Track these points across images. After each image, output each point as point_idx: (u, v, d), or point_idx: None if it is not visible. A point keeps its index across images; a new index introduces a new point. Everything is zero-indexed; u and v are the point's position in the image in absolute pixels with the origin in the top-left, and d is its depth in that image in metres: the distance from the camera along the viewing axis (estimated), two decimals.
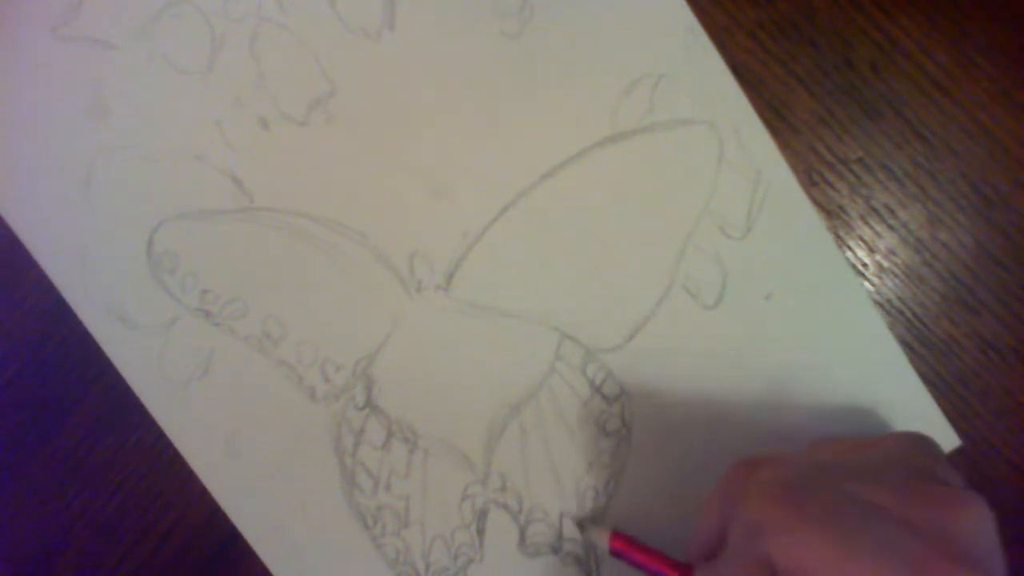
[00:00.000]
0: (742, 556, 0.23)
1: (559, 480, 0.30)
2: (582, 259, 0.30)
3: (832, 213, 0.30)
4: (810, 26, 0.29)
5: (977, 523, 0.22)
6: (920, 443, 0.25)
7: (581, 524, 0.30)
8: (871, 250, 0.30)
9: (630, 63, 0.30)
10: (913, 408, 0.30)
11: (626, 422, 0.30)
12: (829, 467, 0.24)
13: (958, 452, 0.30)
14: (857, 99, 0.29)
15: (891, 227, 0.30)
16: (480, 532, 0.30)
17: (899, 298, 0.30)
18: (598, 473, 0.30)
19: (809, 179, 0.30)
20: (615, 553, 0.28)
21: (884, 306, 0.30)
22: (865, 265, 0.30)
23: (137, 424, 0.30)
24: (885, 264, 0.30)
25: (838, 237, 0.30)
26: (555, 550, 0.30)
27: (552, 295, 0.30)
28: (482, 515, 0.30)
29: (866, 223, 0.30)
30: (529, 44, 0.30)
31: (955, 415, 0.30)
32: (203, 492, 0.30)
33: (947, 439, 0.30)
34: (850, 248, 0.30)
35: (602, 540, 0.29)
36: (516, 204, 0.30)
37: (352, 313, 0.30)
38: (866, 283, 0.30)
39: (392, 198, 0.30)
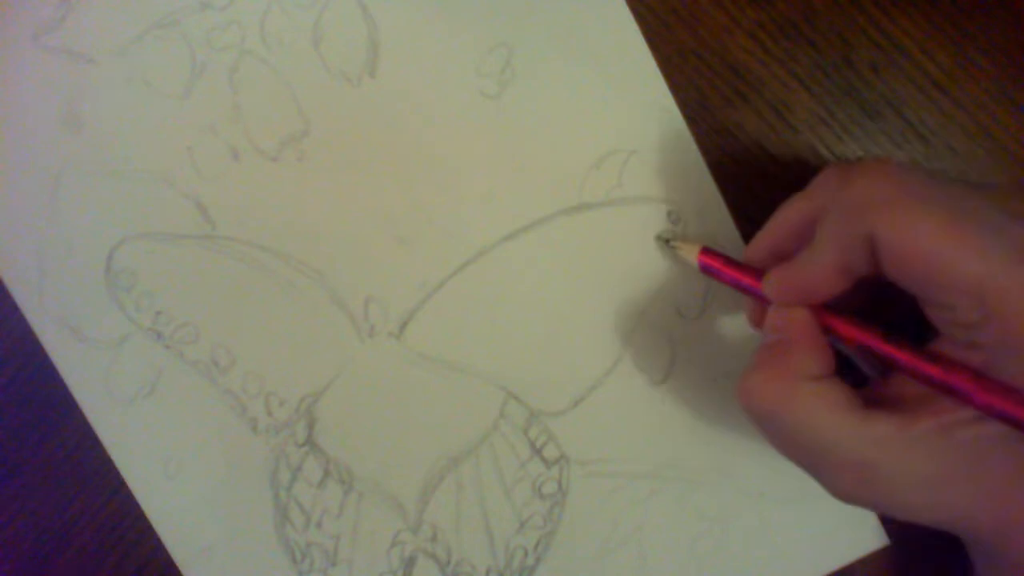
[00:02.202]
0: (838, 236, 0.22)
1: (490, 536, 0.31)
2: (535, 322, 0.30)
3: None
4: (810, 26, 0.29)
5: None
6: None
7: (665, 240, 0.29)
8: None
9: (603, 136, 0.30)
10: None
11: (562, 487, 0.31)
12: (942, 178, 0.23)
13: None
14: (857, 99, 0.29)
15: None
16: None
17: None
18: (529, 534, 0.31)
19: (809, 179, 0.30)
20: (704, 269, 0.27)
21: None
22: None
23: None
24: None
25: None
26: None
27: (502, 354, 0.30)
28: (410, 563, 0.31)
29: None
30: (507, 106, 0.30)
31: None
32: None
33: None
34: None
35: (691, 256, 0.27)
36: (476, 260, 0.30)
37: (302, 350, 0.30)
38: None
39: (354, 241, 0.30)
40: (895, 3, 0.29)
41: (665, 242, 0.29)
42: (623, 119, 0.30)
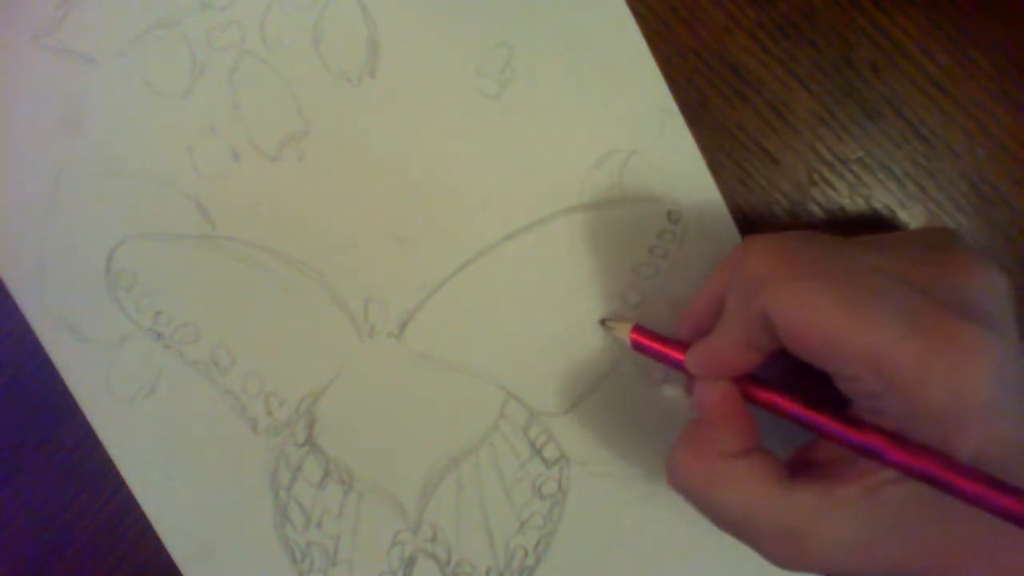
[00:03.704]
0: (739, 314, 0.22)
1: (490, 536, 0.31)
2: (535, 322, 0.30)
3: (832, 213, 0.30)
4: (810, 26, 0.29)
5: (989, 284, 0.21)
6: (941, 231, 0.24)
7: (603, 322, 0.30)
8: None
9: (604, 136, 0.30)
10: None
11: (562, 487, 0.31)
12: (836, 238, 0.23)
13: None
14: (857, 99, 0.29)
15: (891, 227, 0.30)
16: None
17: None
18: (529, 534, 0.31)
19: (809, 179, 0.30)
20: (636, 346, 0.27)
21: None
22: None
23: None
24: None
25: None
26: None
27: (502, 354, 0.30)
28: (410, 563, 0.31)
29: (866, 223, 0.30)
30: (507, 106, 0.30)
31: None
32: None
33: None
34: None
35: (624, 335, 0.28)
36: (476, 260, 0.30)
37: (302, 350, 0.30)
38: None
39: (354, 241, 0.30)
40: (895, 3, 0.29)
41: (601, 322, 0.30)
42: (623, 119, 0.30)
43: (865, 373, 0.20)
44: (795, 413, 0.23)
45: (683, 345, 0.25)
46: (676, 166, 0.30)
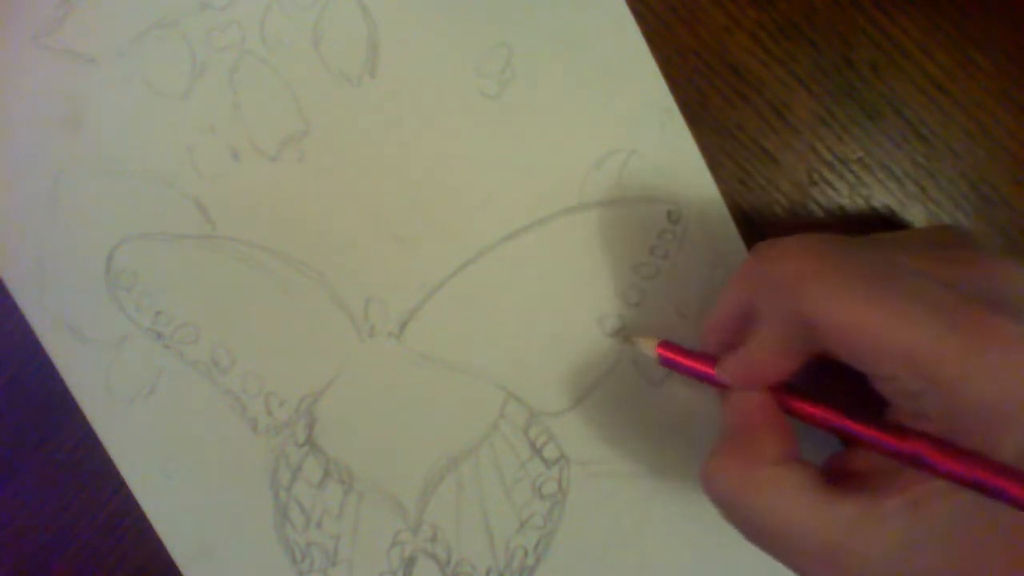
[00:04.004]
0: (775, 317, 0.22)
1: (490, 536, 0.31)
2: (536, 322, 0.30)
3: (832, 213, 0.30)
4: (810, 26, 0.29)
5: (1013, 279, 0.20)
6: (955, 229, 0.24)
7: (626, 336, 0.29)
8: None
9: (604, 136, 0.30)
10: None
11: (562, 487, 0.31)
12: (855, 239, 0.23)
13: None
14: (857, 99, 0.29)
15: (891, 227, 0.30)
16: None
17: None
18: (529, 534, 0.31)
19: (809, 179, 0.30)
20: (664, 362, 0.27)
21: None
22: None
23: None
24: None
25: None
26: None
27: (502, 354, 0.30)
28: (410, 563, 0.31)
29: (866, 223, 0.30)
30: (507, 106, 0.30)
31: None
32: None
33: None
34: None
35: (649, 350, 0.27)
36: (476, 260, 0.30)
37: (302, 350, 0.30)
38: None
39: (354, 241, 0.30)
40: (895, 3, 0.29)
41: (625, 338, 0.29)
42: (623, 119, 0.30)
43: (906, 372, 0.19)
44: (835, 423, 0.22)
45: (711, 358, 0.25)
46: (676, 166, 0.30)
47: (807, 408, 0.23)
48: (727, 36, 0.30)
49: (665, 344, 0.27)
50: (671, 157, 0.30)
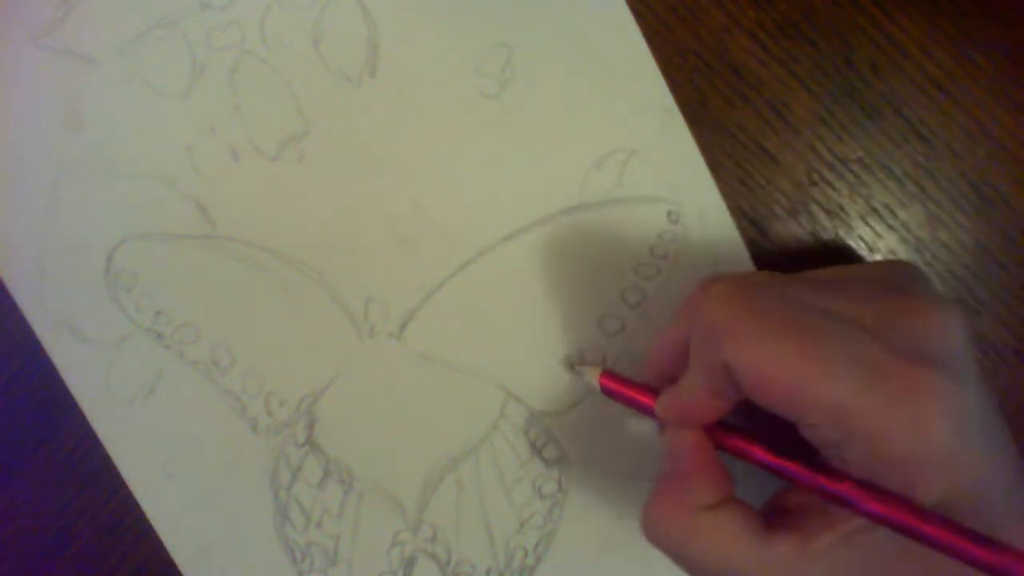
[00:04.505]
0: (702, 364, 0.22)
1: (490, 536, 0.31)
2: (536, 322, 0.30)
3: (832, 213, 0.30)
4: (810, 26, 0.29)
5: (945, 327, 0.20)
6: (901, 266, 0.24)
7: (571, 365, 0.30)
8: (871, 250, 0.30)
9: (604, 136, 0.30)
10: None
11: (562, 487, 0.31)
12: (793, 280, 0.23)
13: None
14: (857, 99, 0.29)
15: (891, 227, 0.30)
16: None
17: None
18: (529, 534, 0.31)
19: (809, 179, 0.30)
20: (606, 391, 0.27)
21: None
22: None
23: None
24: (896, 259, 0.30)
25: (838, 237, 0.30)
26: None
27: (502, 354, 0.30)
28: (410, 563, 0.31)
29: (866, 223, 0.30)
30: (507, 106, 0.30)
31: None
32: None
33: None
34: (850, 248, 0.30)
35: (593, 379, 0.28)
36: (477, 260, 0.30)
37: (302, 350, 0.30)
38: None
39: (354, 241, 0.30)
40: (895, 3, 0.29)
41: (570, 367, 0.30)
42: (623, 119, 0.30)
43: (827, 424, 0.20)
44: (766, 461, 0.23)
45: (653, 390, 0.25)
46: (676, 166, 0.30)
47: (740, 445, 0.23)
48: (727, 36, 0.30)
49: (608, 375, 0.27)
50: (671, 157, 0.30)
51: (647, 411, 0.26)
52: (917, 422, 0.19)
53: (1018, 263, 0.30)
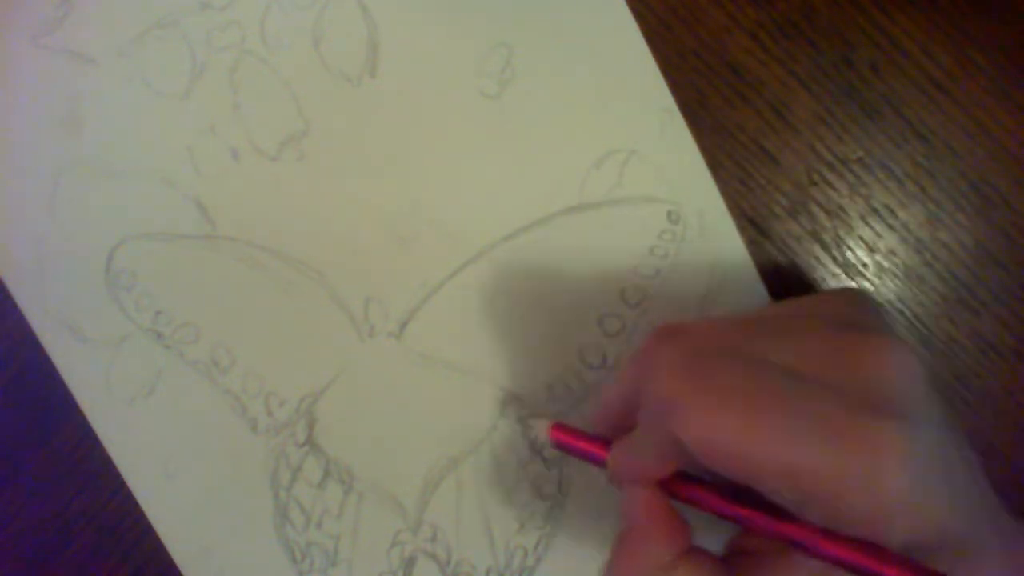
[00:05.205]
0: (651, 432, 0.22)
1: (490, 537, 0.31)
2: (536, 322, 0.30)
3: (832, 213, 0.30)
4: (810, 26, 0.29)
5: (898, 369, 0.20)
6: (850, 295, 0.24)
7: (521, 418, 0.30)
8: (871, 250, 0.30)
9: (604, 136, 0.30)
10: None
11: (562, 488, 0.31)
12: (744, 324, 0.23)
13: None
14: (857, 99, 0.29)
15: (891, 227, 0.30)
16: None
17: (899, 298, 0.30)
18: (529, 534, 0.31)
19: (809, 179, 0.30)
20: (557, 445, 0.26)
21: (884, 307, 0.30)
22: (865, 265, 0.30)
23: None
24: (885, 264, 0.30)
25: (838, 237, 0.30)
26: None
27: (503, 354, 0.30)
28: (410, 563, 0.31)
29: (866, 223, 0.30)
30: (507, 106, 0.30)
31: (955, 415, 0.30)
32: None
33: None
34: (850, 248, 0.30)
35: (543, 431, 0.27)
36: (477, 260, 0.30)
37: (302, 350, 0.30)
38: (866, 283, 0.30)
39: (354, 241, 0.30)
40: (895, 3, 0.29)
41: (520, 420, 0.30)
42: (623, 119, 0.30)
43: (783, 486, 0.20)
44: (722, 510, 0.22)
45: (605, 442, 0.25)
46: (676, 166, 0.30)
47: (695, 494, 0.23)
48: (727, 36, 0.30)
49: (559, 427, 0.26)
50: (671, 157, 0.30)
51: (599, 464, 0.25)
52: (873, 477, 0.19)
53: (1018, 263, 0.30)
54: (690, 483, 0.23)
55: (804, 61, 0.30)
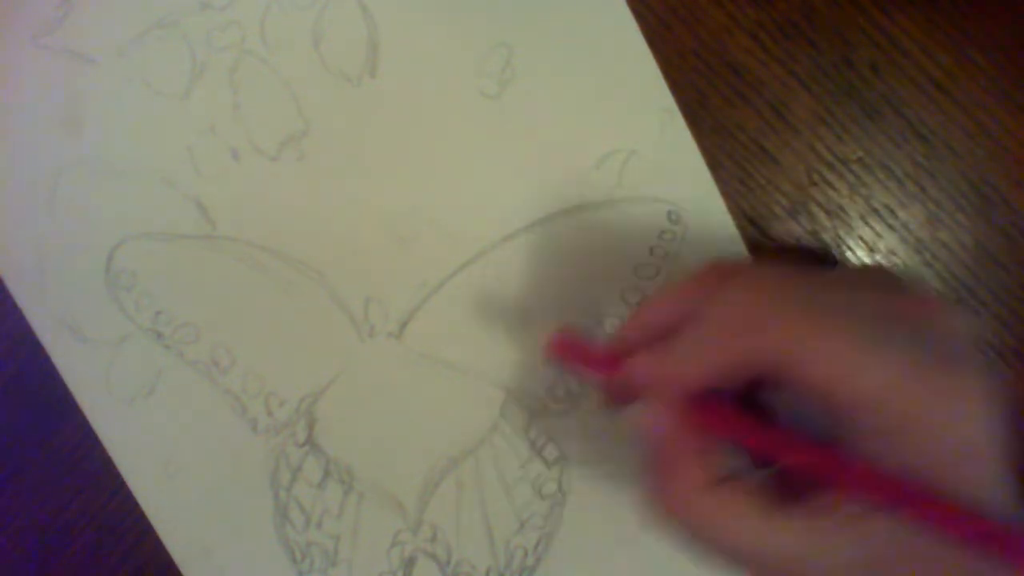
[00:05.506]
0: (721, 346, 0.21)
1: (490, 536, 0.31)
2: (535, 322, 0.30)
3: (832, 213, 0.30)
4: (810, 26, 0.29)
5: (958, 325, 0.21)
6: (884, 269, 0.24)
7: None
8: (871, 250, 0.30)
9: (604, 136, 0.30)
10: None
11: (562, 487, 0.31)
12: (812, 278, 0.22)
13: None
14: (857, 99, 0.29)
15: (891, 227, 0.30)
16: None
17: None
18: (529, 534, 0.31)
19: (809, 179, 0.30)
20: (557, 356, 0.25)
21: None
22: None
23: None
24: (885, 264, 0.30)
25: (838, 237, 0.30)
26: None
27: (502, 354, 0.30)
28: (410, 563, 0.31)
29: (866, 223, 0.30)
30: (507, 106, 0.30)
31: None
32: None
33: None
34: (850, 248, 0.30)
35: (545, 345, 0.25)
36: (476, 260, 0.30)
37: (302, 350, 0.30)
38: None
39: (354, 241, 0.30)
40: (895, 3, 0.29)
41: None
42: (623, 119, 0.30)
43: (869, 414, 0.20)
44: (764, 439, 0.21)
45: (610, 355, 0.23)
46: (676, 166, 0.30)
47: (717, 422, 0.21)
48: (727, 36, 0.30)
49: (563, 337, 0.24)
50: (671, 157, 0.30)
51: (605, 374, 0.23)
52: (961, 417, 0.19)
53: (1018, 263, 0.30)
54: (716, 408, 0.21)
55: (804, 61, 0.30)
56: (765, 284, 0.21)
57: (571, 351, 0.24)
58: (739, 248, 0.30)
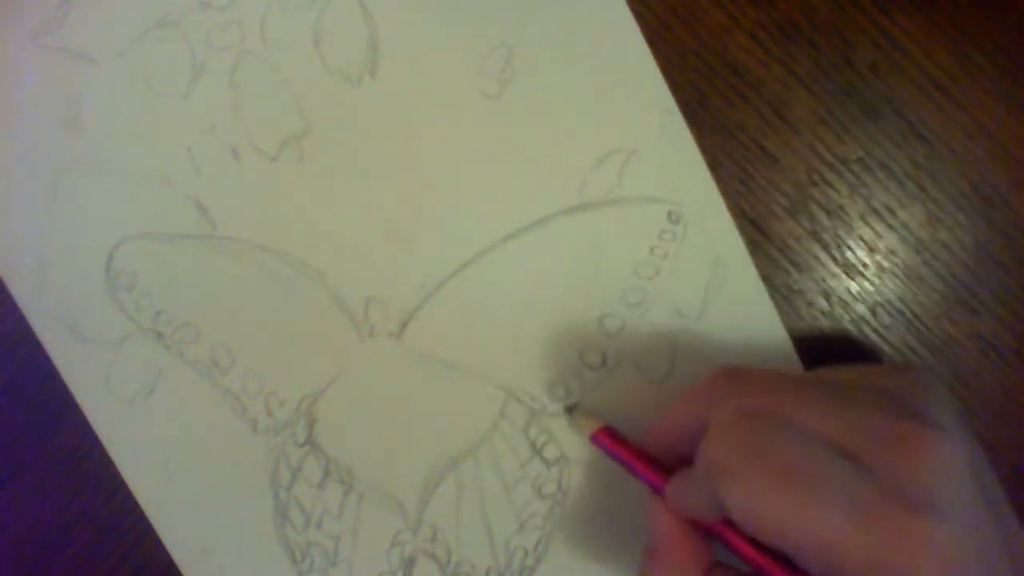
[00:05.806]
0: (703, 488, 0.23)
1: (490, 536, 0.31)
2: (536, 322, 0.30)
3: (832, 213, 0.30)
4: (810, 26, 0.29)
5: (942, 463, 0.20)
6: (919, 377, 0.24)
7: (568, 408, 0.30)
8: (871, 250, 0.30)
9: (604, 136, 0.30)
10: None
11: (562, 487, 0.31)
12: (805, 385, 0.24)
13: None
14: (857, 99, 0.29)
15: (891, 227, 0.30)
16: None
17: (899, 298, 0.30)
18: (529, 534, 0.31)
19: (809, 179, 0.30)
20: (597, 444, 0.28)
21: (884, 307, 0.30)
22: (865, 265, 0.30)
23: None
24: (885, 264, 0.30)
25: (838, 237, 0.30)
26: None
27: (502, 354, 0.30)
28: (410, 563, 0.31)
29: (866, 223, 0.30)
30: (507, 106, 0.30)
31: None
32: None
33: None
34: (850, 248, 0.30)
35: (587, 428, 0.28)
36: (476, 261, 0.30)
37: (302, 350, 0.30)
38: (866, 283, 0.30)
39: (354, 241, 0.30)
40: (895, 3, 0.29)
41: (568, 409, 0.30)
42: (623, 119, 0.30)
43: (815, 561, 0.20)
44: (750, 556, 0.23)
45: (653, 460, 0.26)
46: (676, 166, 0.30)
47: (730, 538, 0.24)
48: (727, 36, 0.30)
49: (607, 432, 0.28)
50: (671, 157, 0.30)
51: (654, 488, 0.26)
52: (906, 569, 0.19)
53: (1018, 263, 0.30)
54: (726, 526, 0.24)
55: (804, 61, 0.30)
56: (725, 432, 0.23)
57: (616, 449, 0.27)
58: (739, 248, 0.30)
